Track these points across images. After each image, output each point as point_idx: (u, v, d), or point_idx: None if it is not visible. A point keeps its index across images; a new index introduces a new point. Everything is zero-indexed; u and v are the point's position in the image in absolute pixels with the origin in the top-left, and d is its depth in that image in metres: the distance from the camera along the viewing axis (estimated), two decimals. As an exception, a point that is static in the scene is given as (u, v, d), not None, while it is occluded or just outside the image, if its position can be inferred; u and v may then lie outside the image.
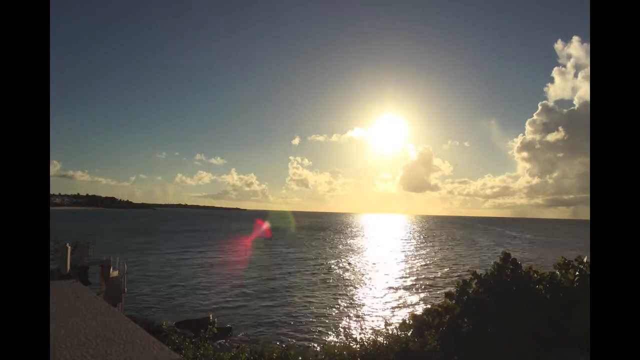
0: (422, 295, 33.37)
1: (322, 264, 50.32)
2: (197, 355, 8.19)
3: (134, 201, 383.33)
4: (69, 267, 19.53)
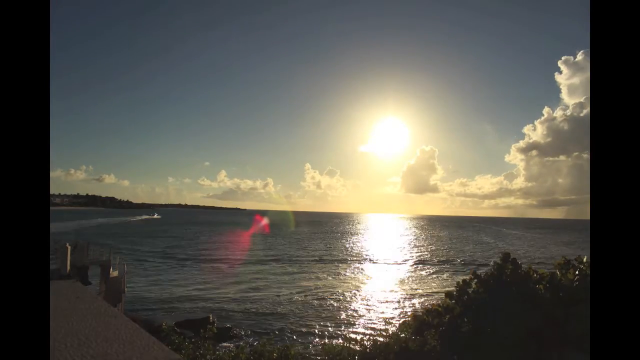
0: (422, 293, 33.36)
1: (322, 263, 50.29)
2: (197, 355, 8.19)
3: (135, 201, 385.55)
4: (69, 267, 19.52)
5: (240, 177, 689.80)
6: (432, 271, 46.64)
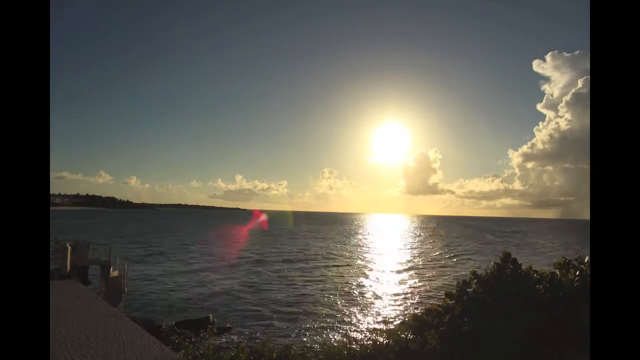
0: (423, 293, 33.34)
1: (322, 262, 50.26)
2: (197, 355, 8.18)
3: (135, 201, 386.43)
4: (69, 267, 19.54)
5: (260, 180, 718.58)
6: (432, 271, 46.59)
